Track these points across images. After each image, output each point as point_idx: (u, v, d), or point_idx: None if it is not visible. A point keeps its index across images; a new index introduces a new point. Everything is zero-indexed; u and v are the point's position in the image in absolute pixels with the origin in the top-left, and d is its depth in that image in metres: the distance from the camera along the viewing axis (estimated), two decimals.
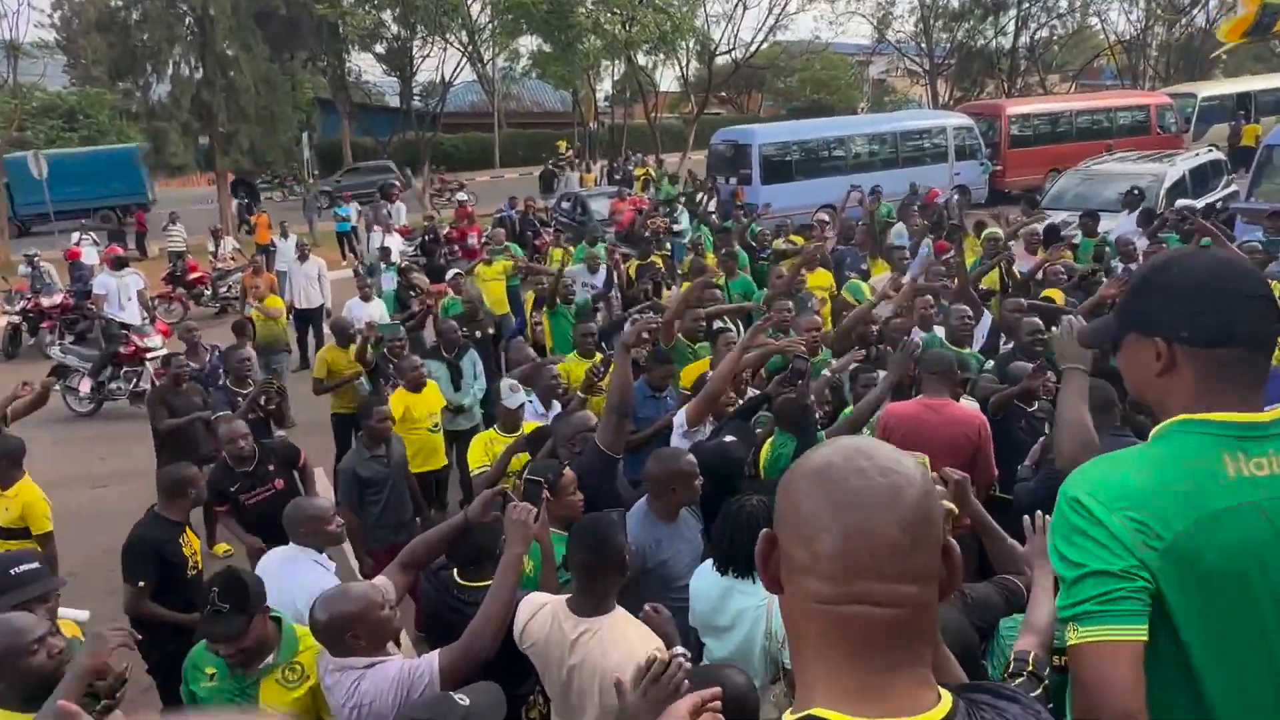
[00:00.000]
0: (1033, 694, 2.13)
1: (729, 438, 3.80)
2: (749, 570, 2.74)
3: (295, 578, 3.21)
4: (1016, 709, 0.98)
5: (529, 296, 8.25)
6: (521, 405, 5.01)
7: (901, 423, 4.07)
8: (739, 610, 2.80)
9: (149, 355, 9.91)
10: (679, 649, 1.78)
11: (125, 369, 9.98)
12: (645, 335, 3.80)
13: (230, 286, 14.09)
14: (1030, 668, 2.07)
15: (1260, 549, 1.30)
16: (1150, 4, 33.27)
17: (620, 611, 2.54)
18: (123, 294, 10.91)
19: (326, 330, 10.08)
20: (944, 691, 0.92)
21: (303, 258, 11.05)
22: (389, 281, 10.65)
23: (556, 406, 5.33)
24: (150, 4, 22.26)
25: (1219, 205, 11.86)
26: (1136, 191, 11.00)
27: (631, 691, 1.68)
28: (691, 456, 3.55)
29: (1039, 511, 2.01)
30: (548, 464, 3.62)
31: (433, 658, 2.42)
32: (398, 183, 23.90)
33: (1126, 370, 1.50)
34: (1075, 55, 35.96)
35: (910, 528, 0.88)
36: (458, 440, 6.29)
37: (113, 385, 9.98)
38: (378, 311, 8.40)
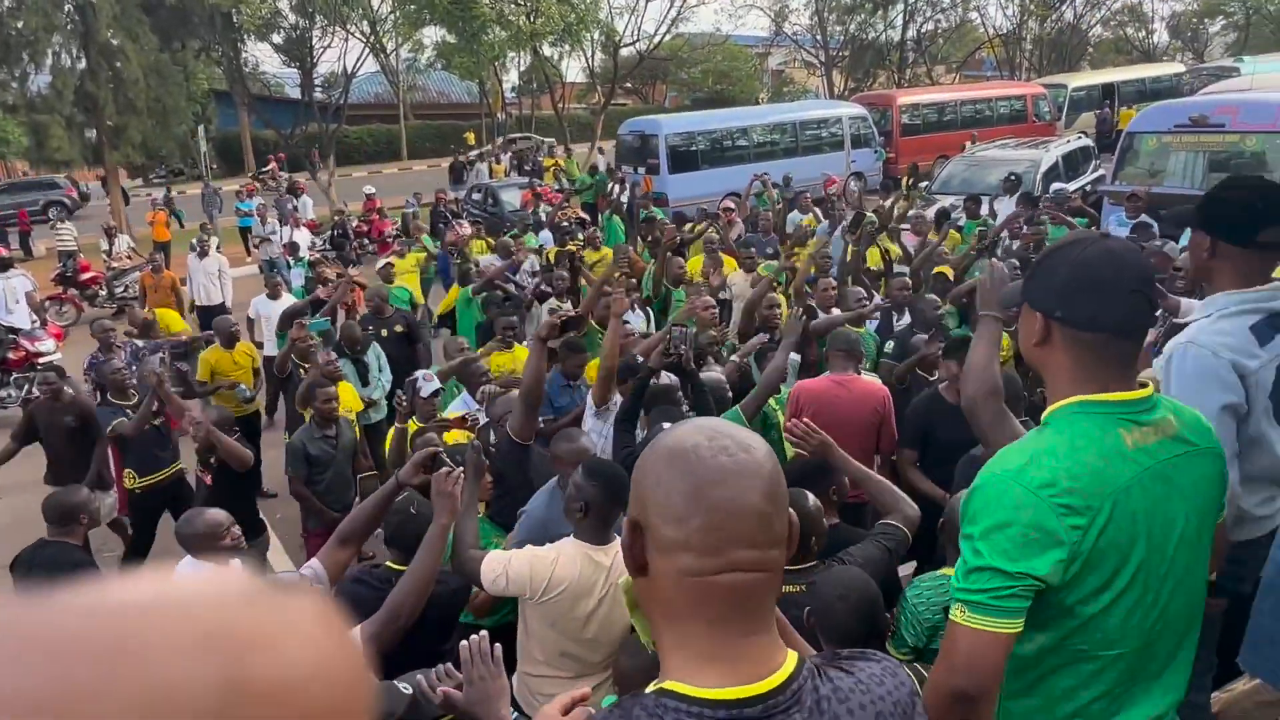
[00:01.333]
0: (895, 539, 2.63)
1: (666, 424, 3.84)
2: None
3: None
4: (876, 668, 1.03)
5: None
6: (436, 393, 5.03)
7: (813, 399, 4.17)
8: None
9: (40, 360, 9.30)
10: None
11: (15, 375, 9.35)
12: (558, 324, 3.80)
13: (128, 286, 13.32)
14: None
15: (1154, 507, 1.45)
16: (1024, 1, 34.95)
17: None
18: (9, 296, 10.19)
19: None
20: (790, 652, 0.96)
21: (202, 254, 10.55)
22: (298, 277, 10.31)
23: None
24: None
25: (1088, 188, 12.60)
26: (1014, 177, 11.58)
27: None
28: (590, 438, 3.63)
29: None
30: (457, 447, 3.66)
31: (354, 632, 2.39)
32: (67, 200, 23.51)
33: (1019, 332, 1.63)
34: (958, 48, 37.46)
35: (770, 497, 0.94)
36: (370, 434, 6.23)
37: (1, 393, 9.34)
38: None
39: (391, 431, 5.14)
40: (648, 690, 0.95)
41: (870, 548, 2.69)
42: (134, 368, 6.31)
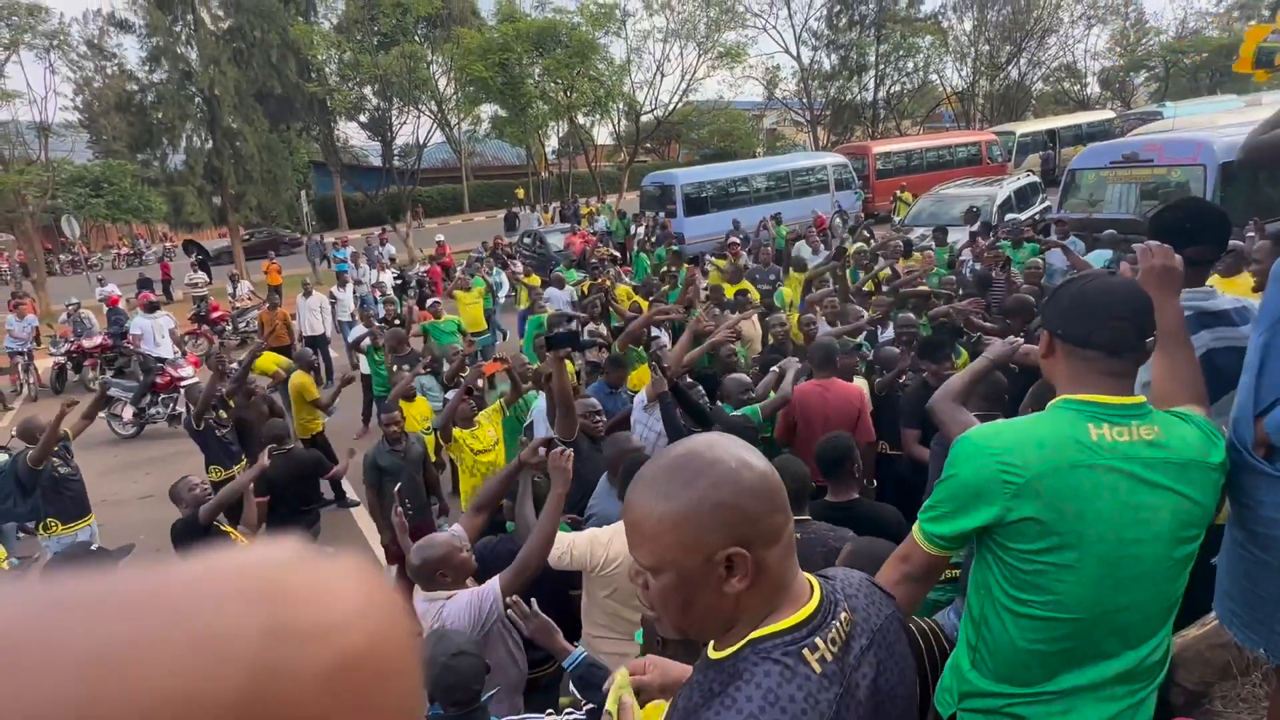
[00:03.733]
0: None
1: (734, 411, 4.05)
2: None
3: None
4: (840, 569, 1.12)
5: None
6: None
7: (806, 398, 4.30)
8: None
9: (182, 383, 9.53)
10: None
11: (162, 396, 9.57)
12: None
13: (249, 322, 13.61)
14: None
15: (1114, 497, 1.38)
16: (975, 63, 34.62)
17: None
18: (157, 333, 10.44)
19: (333, 352, 9.89)
20: (807, 575, 1.04)
21: (307, 294, 10.74)
22: (383, 310, 10.46)
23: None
24: (163, 87, 21.40)
25: (1038, 217, 12.40)
26: (974, 210, 11.43)
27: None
28: (637, 439, 3.61)
29: None
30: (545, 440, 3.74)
31: (494, 581, 2.45)
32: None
33: (1040, 352, 1.61)
34: (921, 104, 37.10)
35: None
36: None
37: (152, 411, 9.56)
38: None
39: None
40: (734, 650, 0.96)
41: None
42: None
